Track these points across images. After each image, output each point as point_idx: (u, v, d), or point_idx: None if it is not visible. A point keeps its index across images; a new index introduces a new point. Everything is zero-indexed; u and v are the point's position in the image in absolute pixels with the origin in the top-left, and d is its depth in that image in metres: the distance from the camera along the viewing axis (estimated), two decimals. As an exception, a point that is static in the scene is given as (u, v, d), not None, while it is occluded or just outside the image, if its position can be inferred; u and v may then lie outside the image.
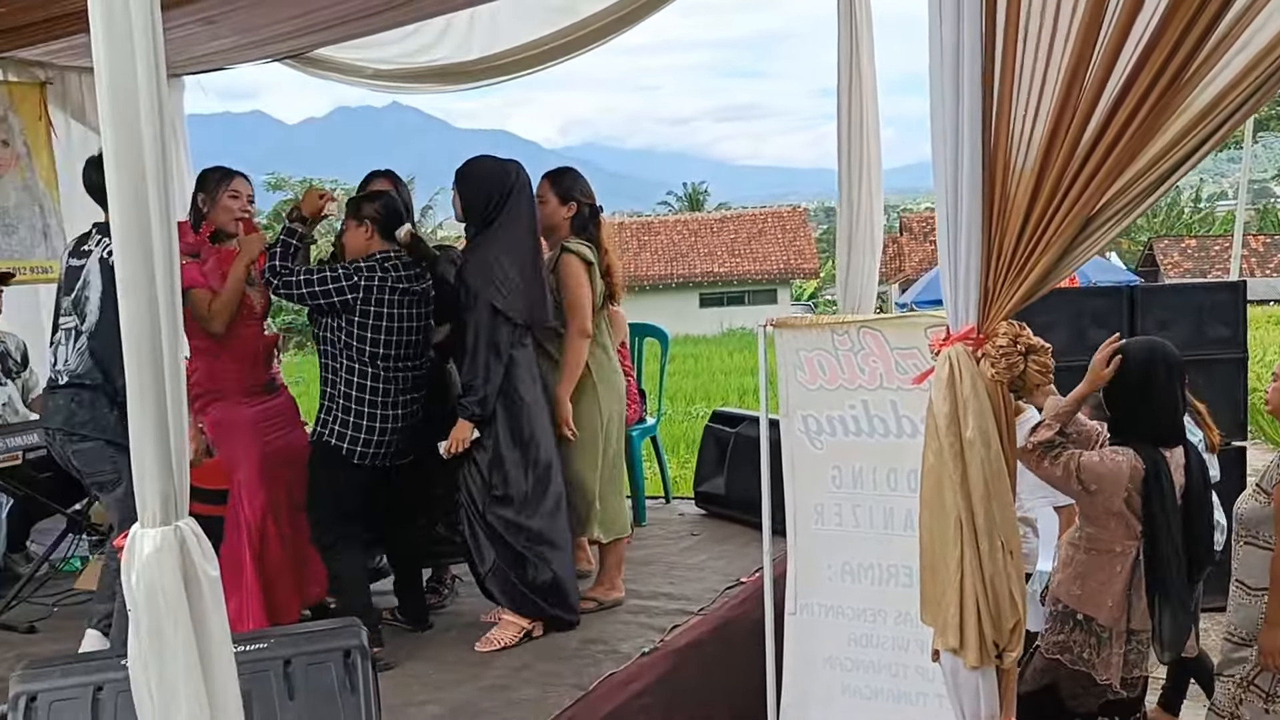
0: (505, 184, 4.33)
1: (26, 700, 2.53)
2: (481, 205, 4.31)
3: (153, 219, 2.19)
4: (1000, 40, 2.42)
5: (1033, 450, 3.22)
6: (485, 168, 4.40)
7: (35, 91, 6.87)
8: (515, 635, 4.28)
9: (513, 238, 4.30)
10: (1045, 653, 3.43)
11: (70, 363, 3.95)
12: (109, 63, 2.17)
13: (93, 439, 3.87)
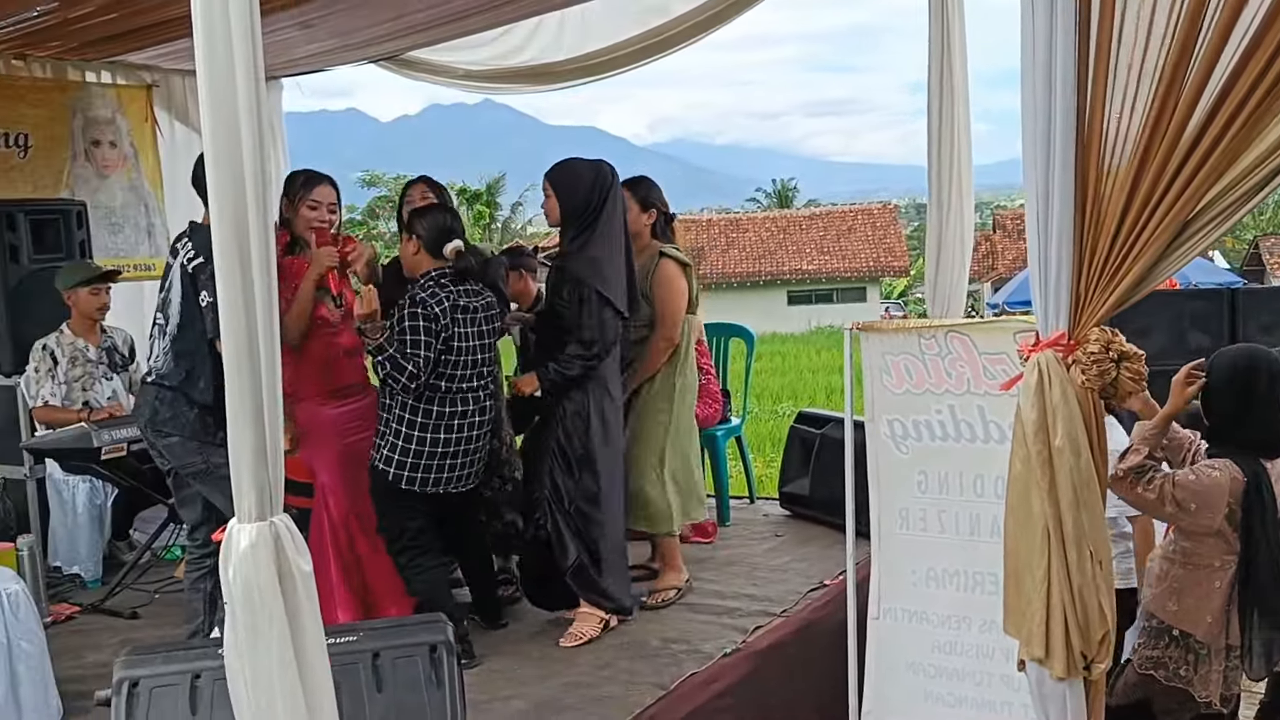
0: (603, 185, 4.38)
1: (129, 686, 2.62)
2: (581, 208, 4.34)
3: (250, 220, 2.26)
4: (1094, 35, 2.37)
5: (1124, 477, 3.14)
6: (580, 171, 4.43)
7: (142, 94, 7.10)
8: (596, 626, 4.34)
9: (614, 234, 4.36)
10: (1138, 668, 3.35)
11: (156, 361, 4.06)
12: (209, 68, 2.24)
13: (175, 435, 3.98)
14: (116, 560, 5.53)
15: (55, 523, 5.42)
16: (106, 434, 4.85)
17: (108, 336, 5.60)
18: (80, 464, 5.07)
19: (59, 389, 5.34)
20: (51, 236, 5.82)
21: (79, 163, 6.84)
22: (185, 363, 3.95)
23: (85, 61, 6.74)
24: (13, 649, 3.62)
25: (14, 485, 5.54)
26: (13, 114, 6.43)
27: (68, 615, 4.86)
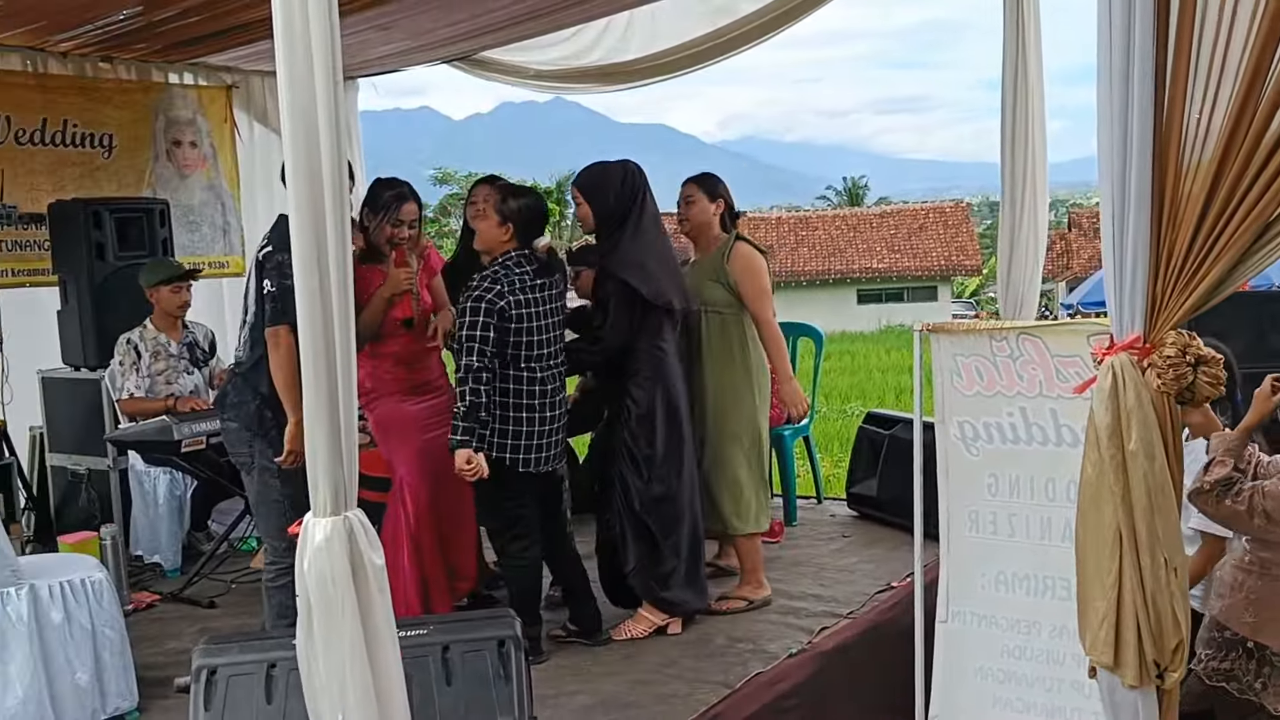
0: (633, 183, 4.40)
1: (207, 673, 2.69)
2: (615, 211, 4.37)
3: (328, 220, 2.31)
4: (1174, 31, 2.32)
5: (1209, 490, 3.05)
6: (608, 173, 4.45)
7: (222, 95, 7.25)
8: (646, 629, 4.36)
9: (650, 231, 4.39)
10: (1206, 679, 3.28)
11: (239, 348, 4.17)
12: (289, 69, 2.29)
13: (234, 421, 4.06)
14: (195, 550, 5.66)
15: (137, 513, 5.57)
16: (186, 427, 4.97)
17: (189, 332, 5.74)
18: (161, 456, 5.21)
19: (143, 382, 5.48)
20: (135, 234, 5.97)
21: (160, 162, 7.01)
22: (258, 350, 4.02)
23: (168, 63, 6.91)
24: (97, 635, 3.73)
25: (98, 476, 5.70)
26: (99, 116, 6.62)
27: (148, 603, 5.00)
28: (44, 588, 3.65)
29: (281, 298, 3.72)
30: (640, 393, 4.33)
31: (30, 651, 3.55)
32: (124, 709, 3.79)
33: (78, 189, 6.38)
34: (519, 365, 4.13)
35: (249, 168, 7.49)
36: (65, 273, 5.87)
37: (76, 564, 3.90)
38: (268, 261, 3.90)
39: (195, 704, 2.66)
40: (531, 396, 4.15)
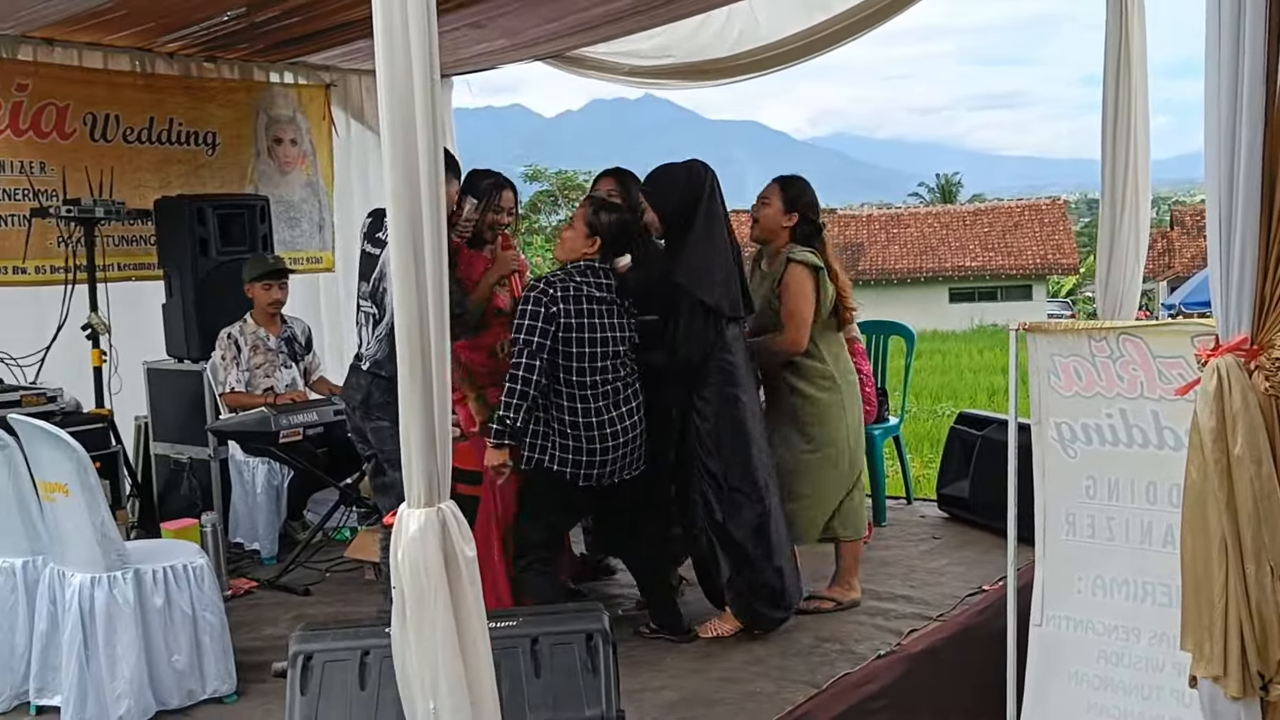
0: (697, 185, 4.30)
1: (304, 659, 2.75)
2: (680, 212, 4.29)
3: (424, 216, 2.35)
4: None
5: None
6: (672, 175, 4.37)
7: (320, 93, 7.41)
8: (732, 629, 4.35)
9: (714, 234, 4.28)
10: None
11: (370, 349, 4.22)
12: (388, 67, 2.33)
13: (385, 420, 4.13)
14: (291, 539, 5.80)
15: (236, 501, 5.72)
16: (284, 419, 5.10)
17: (287, 327, 5.88)
18: (259, 446, 5.34)
19: (242, 375, 5.63)
20: (237, 230, 6.13)
21: (262, 159, 7.20)
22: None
23: (269, 63, 7.08)
24: (197, 620, 3.84)
25: (199, 465, 5.87)
26: (203, 115, 6.81)
27: (246, 590, 5.12)
28: (148, 572, 3.76)
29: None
30: (706, 406, 4.25)
31: (135, 634, 3.67)
32: (222, 692, 3.89)
33: (182, 186, 6.58)
34: (573, 376, 4.06)
35: (344, 165, 7.64)
36: (170, 267, 6.06)
37: (179, 550, 4.01)
38: None
39: (291, 689, 2.73)
40: (588, 412, 4.06)
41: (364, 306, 4.31)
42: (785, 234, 4.56)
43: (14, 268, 6.10)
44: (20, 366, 5.63)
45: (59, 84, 6.14)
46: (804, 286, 4.45)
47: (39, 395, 5.25)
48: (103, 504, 3.69)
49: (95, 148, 6.34)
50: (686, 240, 4.29)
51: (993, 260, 38.65)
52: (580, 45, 7.19)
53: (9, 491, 3.89)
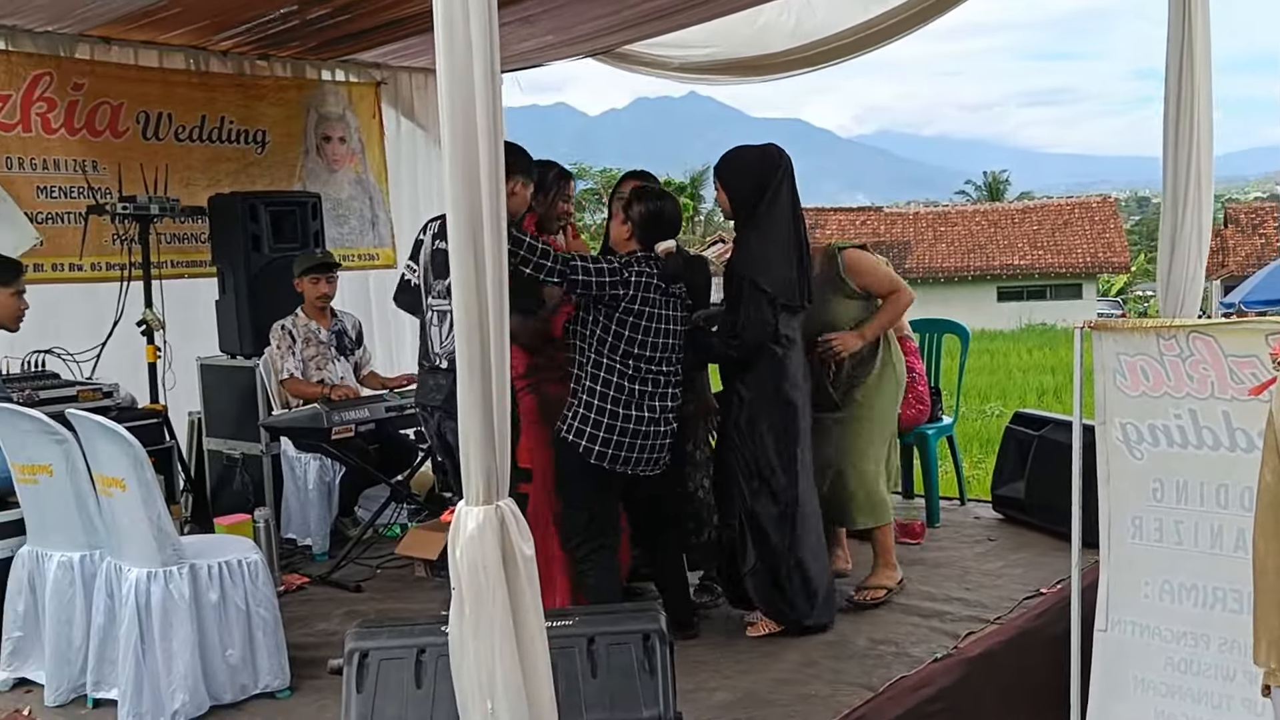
0: (769, 169, 4.26)
1: (359, 656, 2.74)
2: (751, 198, 4.25)
3: (484, 212, 2.32)
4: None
5: None
6: (745, 159, 4.33)
7: (371, 91, 7.44)
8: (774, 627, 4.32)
9: (779, 221, 4.24)
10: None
11: (448, 346, 4.20)
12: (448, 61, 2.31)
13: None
14: (342, 535, 5.81)
15: (288, 496, 5.74)
16: (336, 415, 5.11)
17: (338, 321, 5.91)
18: (312, 442, 5.35)
19: (297, 366, 5.67)
20: (289, 227, 6.17)
21: (310, 158, 7.24)
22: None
23: (321, 61, 7.12)
24: (251, 615, 3.84)
25: (251, 460, 5.90)
26: (254, 113, 6.85)
27: (298, 585, 5.14)
28: (203, 567, 3.78)
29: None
30: (749, 392, 4.24)
31: (190, 629, 3.69)
32: (275, 687, 3.89)
33: (231, 184, 6.63)
34: (629, 362, 4.05)
35: (395, 162, 7.67)
36: (223, 263, 6.10)
37: (233, 545, 4.03)
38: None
39: (348, 685, 2.72)
40: (632, 395, 4.05)
41: (436, 305, 4.31)
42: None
43: (70, 264, 6.18)
44: (77, 362, 5.69)
45: (114, 83, 6.21)
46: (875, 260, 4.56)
47: (95, 390, 5.30)
48: (159, 499, 3.70)
49: (147, 146, 6.41)
50: (750, 225, 4.26)
51: (1042, 259, 38.16)
52: (630, 41, 7.16)
53: (66, 486, 3.91)
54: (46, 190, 6.07)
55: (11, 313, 4.56)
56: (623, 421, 4.04)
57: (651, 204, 4.19)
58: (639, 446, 4.08)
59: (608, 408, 4.04)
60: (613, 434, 4.04)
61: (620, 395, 4.04)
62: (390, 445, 5.82)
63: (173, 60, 6.43)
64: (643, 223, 4.16)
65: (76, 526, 3.95)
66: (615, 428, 4.04)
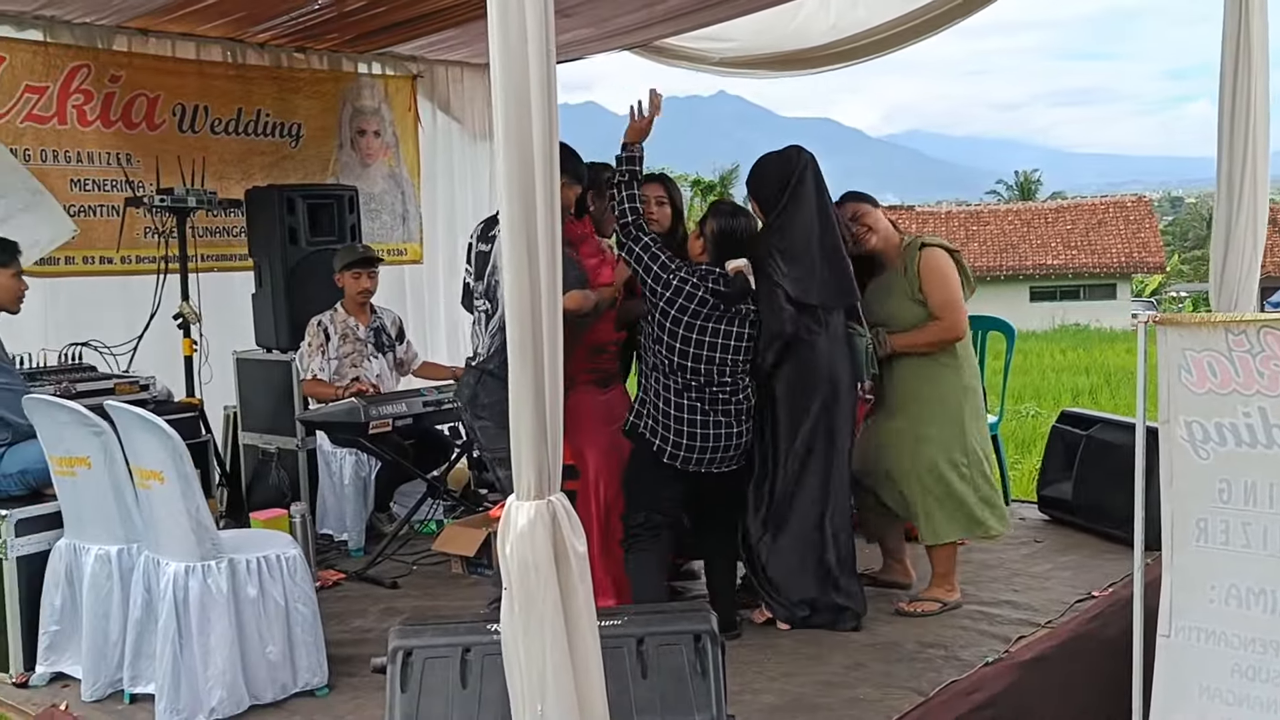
0: (788, 171, 4.26)
1: (404, 655, 2.68)
2: (772, 200, 4.27)
3: (538, 205, 2.24)
4: None
5: None
6: (766, 165, 4.36)
7: (407, 84, 7.39)
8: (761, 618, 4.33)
9: (800, 220, 4.21)
10: None
11: (480, 346, 4.20)
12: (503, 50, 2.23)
13: (488, 420, 4.08)
14: (377, 531, 5.76)
15: (324, 492, 5.68)
16: (374, 410, 5.05)
17: (377, 317, 5.85)
18: (348, 437, 5.30)
19: (328, 364, 5.60)
20: (326, 220, 6.12)
21: (344, 151, 7.20)
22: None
23: (358, 54, 7.08)
24: (290, 611, 3.78)
25: (287, 455, 5.86)
26: (290, 105, 6.82)
27: (334, 581, 5.08)
28: (241, 562, 3.72)
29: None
30: (777, 389, 4.24)
31: (228, 624, 3.63)
32: (313, 684, 3.84)
33: (264, 178, 6.61)
34: (681, 376, 4.07)
35: (430, 156, 7.62)
36: (260, 257, 6.06)
37: (272, 540, 3.97)
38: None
39: (392, 685, 2.65)
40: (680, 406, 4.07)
41: (479, 305, 4.28)
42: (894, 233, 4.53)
43: (103, 258, 6.16)
44: (114, 355, 5.66)
45: (151, 75, 6.19)
46: (950, 266, 4.41)
47: (132, 383, 5.28)
48: (198, 492, 3.65)
49: (182, 139, 6.38)
50: (774, 229, 4.25)
51: (1075, 258, 37.75)
52: (667, 34, 7.07)
53: (104, 478, 3.87)
54: (80, 183, 6.05)
55: (12, 294, 4.51)
56: (678, 424, 4.08)
57: (723, 221, 4.21)
58: (700, 448, 4.10)
59: (673, 410, 4.08)
60: (670, 433, 4.08)
61: (675, 405, 4.08)
62: (426, 440, 5.76)
63: (210, 52, 6.40)
64: (715, 239, 4.17)
65: (114, 519, 3.90)
66: (673, 429, 4.08)
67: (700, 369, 4.06)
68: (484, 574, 5.12)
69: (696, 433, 4.08)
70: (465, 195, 7.78)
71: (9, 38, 5.68)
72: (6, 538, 4.00)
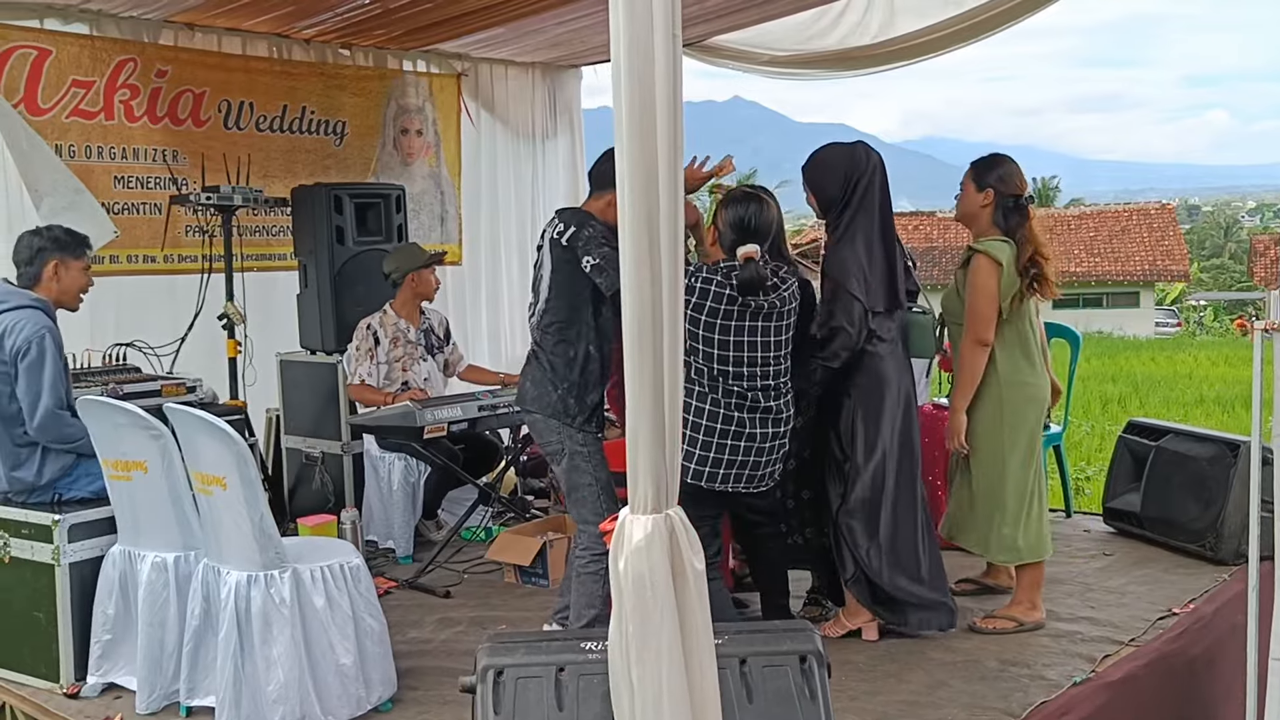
0: (856, 170, 4.11)
1: (494, 674, 2.53)
2: (836, 194, 4.12)
3: (661, 201, 2.11)
4: None
5: None
6: (833, 155, 4.20)
7: (452, 83, 7.27)
8: (838, 631, 4.17)
9: (866, 225, 4.10)
10: None
11: (531, 341, 4.09)
12: (628, 30, 2.09)
13: (538, 414, 3.97)
14: (424, 538, 5.63)
15: (370, 497, 5.54)
16: (430, 414, 4.90)
17: (426, 318, 5.71)
18: (399, 441, 5.16)
19: (377, 369, 5.47)
20: (373, 220, 5.99)
21: (386, 150, 7.08)
22: (551, 339, 3.95)
23: (403, 51, 6.96)
24: (358, 622, 3.64)
25: (331, 459, 5.73)
26: (335, 103, 6.71)
27: (384, 590, 4.94)
28: (306, 572, 3.58)
29: (612, 267, 3.69)
30: (845, 398, 4.12)
31: (293, 636, 3.49)
32: (386, 697, 3.70)
33: (307, 176, 6.49)
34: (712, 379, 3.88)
35: (472, 156, 7.49)
36: (306, 256, 5.92)
37: (334, 548, 3.84)
38: (576, 240, 3.86)
39: (484, 705, 2.50)
40: (714, 417, 3.87)
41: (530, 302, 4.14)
42: (984, 215, 4.28)
43: (147, 256, 6.05)
44: (157, 355, 5.54)
45: (197, 70, 6.07)
46: (988, 279, 4.17)
47: (179, 385, 5.16)
48: (262, 499, 3.53)
49: (228, 135, 6.27)
50: (839, 227, 4.13)
51: (1098, 266, 37.45)
52: (715, 33, 6.96)
53: (162, 483, 3.74)
54: (124, 180, 5.94)
55: (77, 289, 4.31)
56: (719, 438, 3.88)
57: (735, 209, 3.99)
58: (739, 464, 3.92)
59: (704, 423, 3.88)
60: (709, 451, 3.89)
61: (717, 410, 3.88)
62: (475, 446, 5.63)
63: (255, 48, 6.29)
64: (727, 229, 3.98)
65: (171, 525, 3.78)
66: (711, 444, 3.89)
67: (729, 370, 3.87)
68: (538, 584, 4.99)
69: (727, 445, 3.88)
70: (508, 195, 7.66)
71: (56, 31, 5.57)
72: (59, 543, 3.87)
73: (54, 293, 4.19)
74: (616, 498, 3.79)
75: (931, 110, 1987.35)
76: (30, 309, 4.07)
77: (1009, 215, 4.26)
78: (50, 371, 4.00)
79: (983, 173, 4.32)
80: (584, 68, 7.78)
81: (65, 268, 4.20)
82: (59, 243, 4.20)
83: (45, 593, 3.90)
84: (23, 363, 3.97)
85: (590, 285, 3.87)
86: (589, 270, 3.82)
